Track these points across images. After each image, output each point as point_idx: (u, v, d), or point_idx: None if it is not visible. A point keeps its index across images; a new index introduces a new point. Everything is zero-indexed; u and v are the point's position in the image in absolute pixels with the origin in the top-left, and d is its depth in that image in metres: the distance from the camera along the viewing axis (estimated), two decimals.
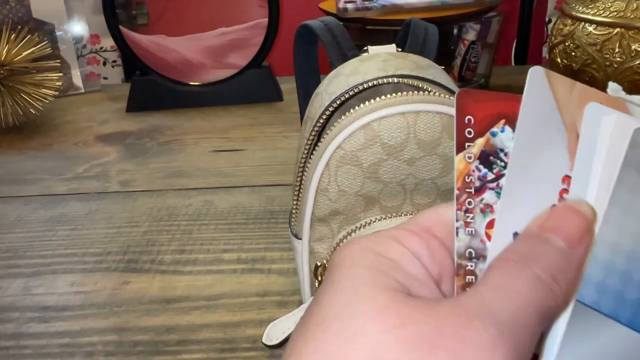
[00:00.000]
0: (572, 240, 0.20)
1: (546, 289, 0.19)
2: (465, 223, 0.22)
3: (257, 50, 0.88)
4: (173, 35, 0.93)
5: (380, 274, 0.20)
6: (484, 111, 0.22)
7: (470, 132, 0.22)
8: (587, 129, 0.22)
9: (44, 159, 0.74)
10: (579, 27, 0.80)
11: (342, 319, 0.18)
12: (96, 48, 1.10)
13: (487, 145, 0.22)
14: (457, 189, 0.22)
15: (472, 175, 0.22)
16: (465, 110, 0.22)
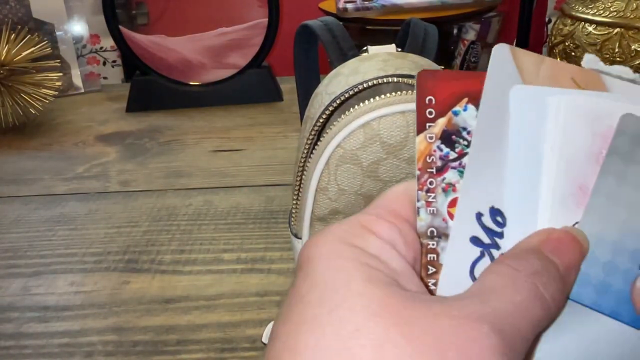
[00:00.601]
0: (569, 267, 0.21)
1: (545, 305, 0.19)
2: (427, 202, 0.22)
3: (257, 50, 0.88)
4: (173, 35, 0.93)
5: (367, 267, 0.19)
6: (446, 91, 0.22)
7: (432, 113, 0.22)
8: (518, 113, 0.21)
9: (44, 159, 0.74)
10: (579, 27, 0.80)
11: (340, 315, 0.18)
12: (96, 48, 1.10)
13: (449, 125, 0.22)
14: (419, 169, 0.22)
15: (433, 155, 0.22)
16: (426, 91, 0.22)
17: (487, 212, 0.21)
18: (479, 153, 0.21)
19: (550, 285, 0.20)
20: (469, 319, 0.18)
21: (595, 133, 0.21)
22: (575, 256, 0.21)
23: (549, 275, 0.20)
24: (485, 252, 0.22)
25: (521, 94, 0.21)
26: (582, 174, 0.21)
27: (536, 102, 0.21)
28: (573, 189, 0.21)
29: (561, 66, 0.22)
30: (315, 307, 0.18)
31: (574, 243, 0.21)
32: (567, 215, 0.21)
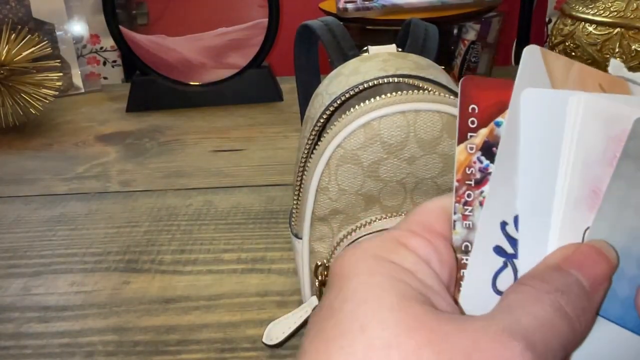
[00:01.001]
0: (595, 282, 0.20)
1: (571, 323, 0.19)
2: (463, 216, 0.21)
3: (257, 50, 0.88)
4: (173, 35, 0.93)
5: (400, 283, 0.19)
6: (489, 100, 0.21)
7: (474, 122, 0.21)
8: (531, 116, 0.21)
9: (44, 159, 0.74)
10: (579, 27, 0.80)
11: (372, 330, 0.17)
12: (96, 48, 1.10)
13: (491, 136, 0.21)
14: (457, 180, 0.21)
15: (473, 166, 0.21)
16: (469, 99, 0.21)
17: (512, 221, 0.21)
18: (505, 161, 0.21)
19: (573, 303, 0.19)
20: (503, 335, 0.17)
21: (610, 136, 0.21)
22: (602, 271, 0.20)
23: (572, 293, 0.19)
24: (508, 262, 0.21)
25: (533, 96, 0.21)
26: (596, 177, 0.21)
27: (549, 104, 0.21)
28: (586, 192, 0.21)
29: (589, 71, 0.21)
30: (347, 323, 0.18)
31: (600, 258, 0.20)
32: (580, 219, 0.21)
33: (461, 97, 0.21)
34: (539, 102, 0.21)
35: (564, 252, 0.20)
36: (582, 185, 0.21)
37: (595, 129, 0.21)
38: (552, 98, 0.21)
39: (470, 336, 0.17)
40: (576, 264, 0.20)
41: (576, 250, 0.20)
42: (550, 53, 0.21)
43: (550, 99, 0.21)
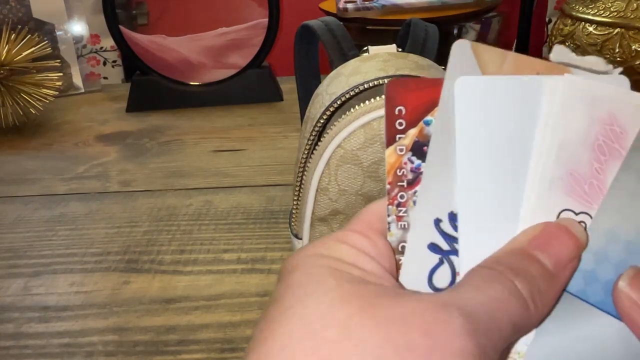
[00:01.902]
0: (560, 264, 0.20)
1: (523, 305, 0.19)
2: (398, 217, 0.21)
3: (257, 50, 0.88)
4: (173, 35, 0.93)
5: (341, 272, 0.19)
6: (417, 100, 0.21)
7: (402, 124, 0.21)
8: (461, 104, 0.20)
9: (44, 159, 0.74)
10: (579, 27, 0.81)
11: (308, 305, 0.18)
12: (96, 48, 1.10)
13: (421, 135, 0.21)
14: (389, 183, 0.21)
15: (404, 167, 0.21)
16: (395, 101, 0.21)
17: (447, 217, 0.21)
18: (437, 157, 0.20)
19: (529, 284, 0.19)
20: (438, 303, 0.18)
21: (593, 118, 0.20)
22: (568, 251, 0.20)
23: (529, 274, 0.19)
24: (444, 259, 0.21)
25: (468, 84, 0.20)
26: (575, 159, 0.20)
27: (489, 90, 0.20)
28: (562, 173, 0.20)
29: (526, 61, 0.21)
30: (287, 303, 0.19)
31: (568, 237, 0.20)
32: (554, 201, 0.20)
33: (387, 100, 0.21)
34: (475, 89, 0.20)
35: (530, 232, 0.20)
36: (557, 167, 0.20)
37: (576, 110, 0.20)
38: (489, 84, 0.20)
39: (408, 305, 0.18)
40: (541, 245, 0.20)
41: (543, 230, 0.20)
42: (482, 46, 0.21)
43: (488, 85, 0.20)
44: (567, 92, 0.20)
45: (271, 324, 0.18)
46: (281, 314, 0.18)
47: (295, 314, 0.18)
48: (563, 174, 0.20)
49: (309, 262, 0.20)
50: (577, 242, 0.20)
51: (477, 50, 0.20)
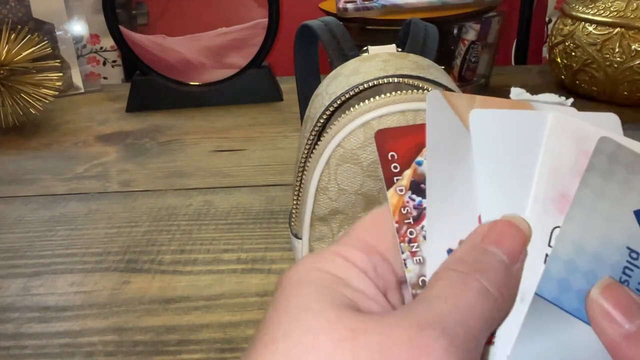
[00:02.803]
0: (513, 256, 0.21)
1: (493, 299, 0.20)
2: (412, 253, 0.22)
3: (257, 50, 0.88)
4: (173, 35, 0.93)
5: (327, 289, 0.20)
6: (405, 145, 0.23)
7: (396, 167, 0.23)
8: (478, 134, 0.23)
9: (44, 159, 0.74)
10: (579, 27, 0.80)
11: (292, 336, 0.18)
12: (96, 48, 1.10)
13: (415, 175, 0.23)
14: (396, 222, 0.22)
15: (407, 206, 0.23)
16: (387, 149, 0.23)
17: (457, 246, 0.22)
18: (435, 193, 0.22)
19: (495, 280, 0.20)
20: (418, 327, 0.18)
21: (580, 151, 0.23)
22: (518, 243, 0.21)
23: (492, 270, 0.20)
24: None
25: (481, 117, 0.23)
26: (565, 184, 0.22)
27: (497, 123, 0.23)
28: (555, 195, 0.22)
29: (492, 101, 0.23)
30: (273, 330, 0.19)
31: (516, 231, 0.22)
32: (547, 218, 0.22)
33: (379, 149, 0.23)
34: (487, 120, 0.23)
35: (482, 230, 0.22)
36: (551, 189, 0.22)
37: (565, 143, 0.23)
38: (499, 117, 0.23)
39: (386, 330, 0.18)
40: (494, 240, 0.21)
41: (492, 227, 0.22)
42: (451, 93, 0.23)
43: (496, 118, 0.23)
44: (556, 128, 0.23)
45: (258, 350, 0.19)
46: (270, 341, 0.19)
47: (280, 344, 0.18)
48: (555, 195, 0.22)
49: (298, 277, 0.21)
50: (523, 234, 0.22)
51: (448, 98, 0.23)
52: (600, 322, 0.21)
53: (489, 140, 0.23)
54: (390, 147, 0.23)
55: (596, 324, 0.21)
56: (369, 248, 0.22)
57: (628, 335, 0.20)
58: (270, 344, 0.18)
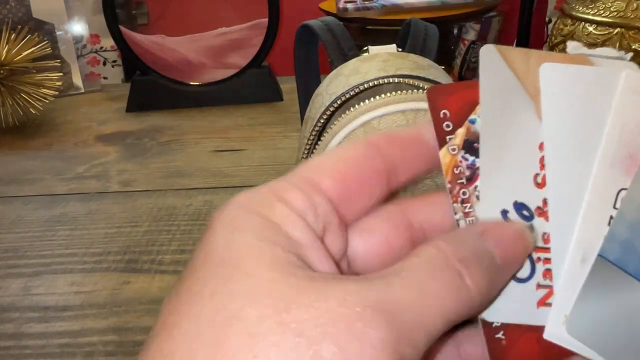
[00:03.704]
0: (508, 261, 0.20)
1: (467, 296, 0.18)
2: (465, 214, 0.22)
3: (257, 50, 0.88)
4: (173, 35, 0.93)
5: (264, 242, 0.18)
6: (458, 102, 0.22)
7: (449, 125, 0.22)
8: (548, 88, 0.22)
9: (44, 159, 0.74)
10: (579, 27, 0.80)
11: (220, 300, 0.16)
12: (96, 48, 1.10)
13: (469, 134, 0.22)
14: (449, 182, 0.22)
15: (460, 165, 0.22)
16: (439, 106, 0.22)
17: (512, 207, 0.21)
18: (489, 152, 0.21)
19: (481, 278, 0.19)
20: (363, 307, 0.16)
21: None
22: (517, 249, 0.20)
23: (482, 265, 0.19)
24: None
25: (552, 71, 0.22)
26: (634, 144, 0.21)
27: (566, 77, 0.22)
28: (623, 156, 0.21)
29: (548, 56, 0.22)
30: (201, 285, 0.17)
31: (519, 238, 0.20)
32: (614, 180, 0.21)
33: (431, 106, 0.22)
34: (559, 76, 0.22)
35: (485, 225, 0.21)
36: (618, 150, 0.21)
37: (637, 102, 0.21)
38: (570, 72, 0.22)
39: (323, 305, 0.16)
40: (495, 238, 0.20)
41: (497, 227, 0.21)
42: (506, 48, 0.22)
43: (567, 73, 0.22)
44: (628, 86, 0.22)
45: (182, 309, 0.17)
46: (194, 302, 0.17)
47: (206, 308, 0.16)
48: (623, 156, 0.21)
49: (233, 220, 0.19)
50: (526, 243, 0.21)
51: (502, 52, 0.22)
52: None
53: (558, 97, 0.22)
54: (442, 104, 0.22)
55: None
56: (311, 186, 0.20)
57: None
58: (199, 301, 0.17)
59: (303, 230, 0.19)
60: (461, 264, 0.18)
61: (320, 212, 0.20)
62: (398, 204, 0.23)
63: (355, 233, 0.22)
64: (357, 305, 0.16)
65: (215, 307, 0.16)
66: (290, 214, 0.19)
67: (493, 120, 0.22)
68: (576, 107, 0.22)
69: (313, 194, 0.20)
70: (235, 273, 0.17)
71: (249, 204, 0.19)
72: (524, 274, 0.22)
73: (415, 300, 0.17)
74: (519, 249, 0.20)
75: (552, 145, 0.22)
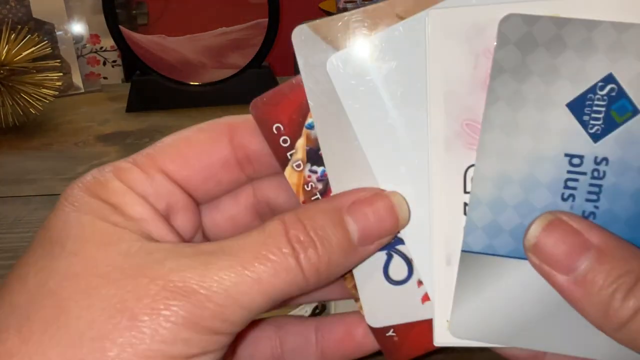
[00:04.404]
0: (367, 238, 0.19)
1: (299, 280, 0.18)
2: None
3: (257, 50, 0.88)
4: (173, 35, 0.93)
5: (98, 222, 0.19)
6: (288, 110, 0.19)
7: (287, 140, 0.19)
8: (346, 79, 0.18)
9: (44, 159, 0.74)
10: None
11: (42, 277, 0.18)
12: (96, 48, 1.10)
13: (310, 142, 0.19)
14: (303, 202, 0.20)
15: (310, 181, 0.20)
16: (269, 121, 0.19)
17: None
18: (333, 155, 0.19)
19: (320, 258, 0.18)
20: (166, 285, 0.17)
21: (476, 53, 0.17)
22: (382, 226, 0.19)
23: (327, 245, 0.18)
24: (391, 252, 0.20)
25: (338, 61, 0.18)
26: (466, 107, 0.18)
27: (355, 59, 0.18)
28: (457, 126, 0.18)
29: (378, 9, 0.18)
30: (33, 262, 0.18)
31: (390, 215, 0.19)
32: (456, 159, 0.18)
33: (260, 123, 0.19)
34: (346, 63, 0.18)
35: (356, 195, 0.19)
36: (450, 120, 0.18)
37: (453, 49, 0.17)
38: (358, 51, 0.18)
39: (130, 283, 0.17)
40: (359, 214, 0.18)
41: (368, 199, 0.19)
42: (322, 20, 0.19)
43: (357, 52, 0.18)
44: (437, 30, 0.17)
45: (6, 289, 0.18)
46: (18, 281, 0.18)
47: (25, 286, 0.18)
48: (458, 126, 0.18)
49: (74, 200, 0.19)
50: (395, 223, 0.19)
51: (316, 27, 0.19)
52: (544, 270, 0.18)
53: (356, 83, 0.18)
54: (272, 118, 0.19)
55: (541, 272, 0.18)
56: (154, 167, 0.21)
57: (577, 281, 0.17)
58: (24, 277, 0.18)
59: (142, 207, 0.20)
60: (300, 244, 0.17)
61: (161, 191, 0.21)
62: (252, 185, 0.23)
63: (206, 210, 0.23)
64: (166, 285, 0.17)
65: (37, 283, 0.17)
66: (129, 193, 0.20)
67: (329, 117, 0.19)
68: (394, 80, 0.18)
69: (155, 174, 0.21)
70: (62, 252, 0.18)
71: (92, 185, 0.20)
72: (402, 276, 0.20)
73: (230, 282, 0.17)
74: (386, 224, 0.19)
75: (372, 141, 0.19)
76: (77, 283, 0.17)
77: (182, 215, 0.22)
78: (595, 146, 0.17)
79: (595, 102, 0.17)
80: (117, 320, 0.16)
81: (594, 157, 0.17)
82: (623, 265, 0.17)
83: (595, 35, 0.16)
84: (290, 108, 0.19)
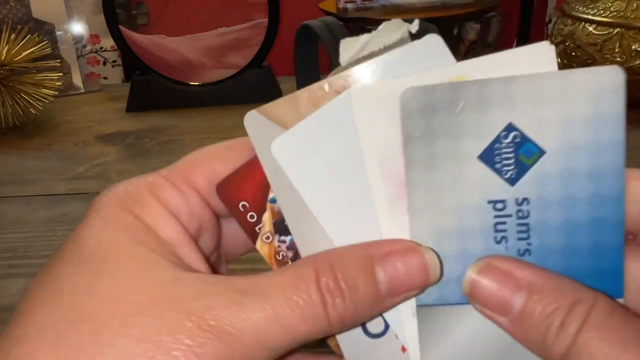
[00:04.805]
0: (395, 292, 0.18)
1: (324, 326, 0.18)
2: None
3: (257, 50, 0.88)
4: (173, 35, 0.93)
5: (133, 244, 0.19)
6: (251, 188, 0.21)
7: (253, 216, 0.21)
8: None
9: (44, 159, 0.74)
10: (579, 27, 0.80)
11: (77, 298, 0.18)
12: (96, 48, 1.10)
13: (275, 215, 0.21)
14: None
15: (280, 251, 0.21)
16: (235, 199, 0.21)
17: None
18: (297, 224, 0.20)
19: (346, 305, 0.18)
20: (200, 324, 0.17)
21: (398, 120, 0.19)
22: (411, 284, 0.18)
23: (355, 300, 0.18)
24: None
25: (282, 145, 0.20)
26: (400, 171, 0.19)
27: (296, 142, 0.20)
28: (395, 188, 0.19)
29: (316, 90, 0.20)
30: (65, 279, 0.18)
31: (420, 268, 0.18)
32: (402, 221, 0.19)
33: (227, 203, 0.21)
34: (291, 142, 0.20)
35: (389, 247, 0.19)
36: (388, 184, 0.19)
37: (378, 120, 0.19)
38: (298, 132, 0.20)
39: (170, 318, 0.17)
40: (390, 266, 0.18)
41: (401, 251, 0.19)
42: (270, 105, 0.21)
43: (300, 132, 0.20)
44: (361, 106, 0.19)
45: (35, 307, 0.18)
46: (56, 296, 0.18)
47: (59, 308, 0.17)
48: (396, 189, 0.19)
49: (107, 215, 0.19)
50: (425, 280, 0.19)
51: (266, 111, 0.21)
52: (486, 314, 0.18)
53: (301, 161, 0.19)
54: (237, 196, 0.21)
55: (485, 316, 0.18)
56: (189, 185, 0.21)
57: (514, 321, 0.17)
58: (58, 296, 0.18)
59: (175, 230, 0.20)
60: (329, 293, 0.18)
61: (196, 214, 0.21)
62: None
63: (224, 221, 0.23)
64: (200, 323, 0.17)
65: (74, 303, 0.17)
66: (163, 213, 0.20)
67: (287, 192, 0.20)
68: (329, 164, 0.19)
69: (189, 193, 0.21)
70: (97, 273, 0.18)
71: (125, 199, 0.20)
72: (379, 329, 0.20)
73: (261, 325, 0.17)
74: (414, 284, 0.19)
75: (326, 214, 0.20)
76: (114, 308, 0.17)
77: (209, 233, 0.22)
78: (513, 189, 0.18)
79: (503, 150, 0.18)
80: (153, 355, 0.16)
81: (515, 199, 0.18)
82: (554, 299, 0.17)
83: (487, 91, 0.18)
84: (253, 186, 0.21)
